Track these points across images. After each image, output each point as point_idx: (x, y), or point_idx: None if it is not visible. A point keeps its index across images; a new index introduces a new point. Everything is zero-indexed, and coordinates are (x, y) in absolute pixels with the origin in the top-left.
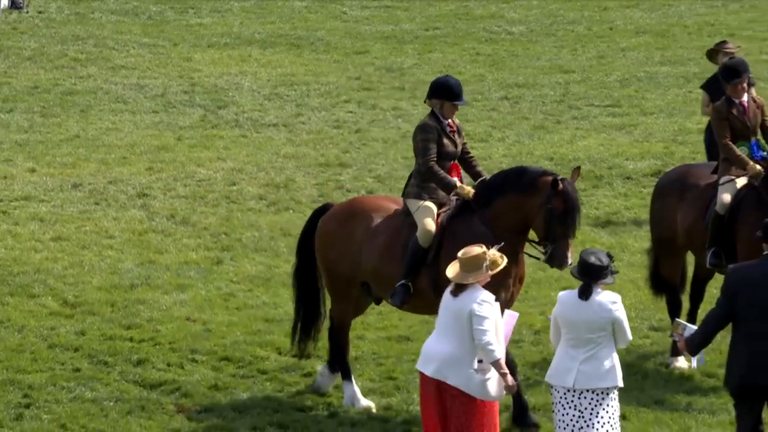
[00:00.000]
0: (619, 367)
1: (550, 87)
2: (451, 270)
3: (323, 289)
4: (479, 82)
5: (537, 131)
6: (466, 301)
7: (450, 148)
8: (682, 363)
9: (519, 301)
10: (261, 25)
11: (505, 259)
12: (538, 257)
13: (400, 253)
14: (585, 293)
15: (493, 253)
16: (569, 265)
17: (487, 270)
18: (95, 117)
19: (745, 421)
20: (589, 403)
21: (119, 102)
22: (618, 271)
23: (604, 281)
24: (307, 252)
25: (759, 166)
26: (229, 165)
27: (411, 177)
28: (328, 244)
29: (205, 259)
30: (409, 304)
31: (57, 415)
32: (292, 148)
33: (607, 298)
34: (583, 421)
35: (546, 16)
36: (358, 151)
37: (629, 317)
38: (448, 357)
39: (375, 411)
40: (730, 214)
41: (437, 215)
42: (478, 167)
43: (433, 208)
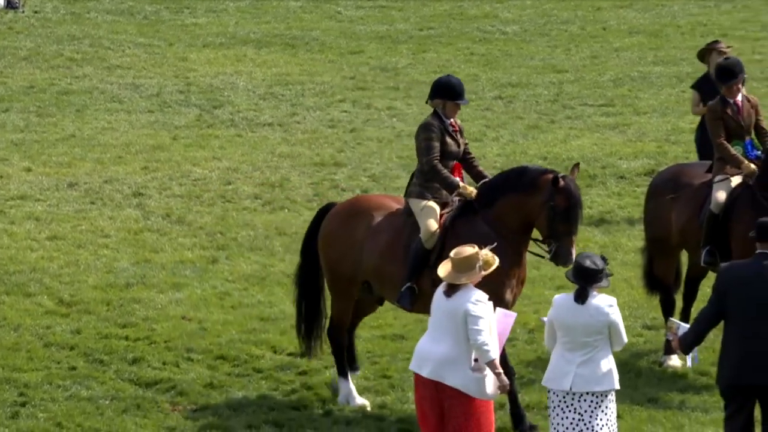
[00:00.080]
0: (615, 370)
1: (544, 87)
2: (443, 269)
3: (325, 289)
4: (473, 81)
5: (531, 131)
6: (461, 301)
7: (453, 147)
8: (675, 361)
9: None
10: (256, 25)
11: (497, 260)
12: (542, 255)
13: (402, 253)
14: (581, 297)
15: (486, 253)
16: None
17: (480, 270)
18: (91, 116)
19: (735, 420)
20: (588, 406)
21: (115, 101)
22: (612, 274)
23: (600, 284)
24: (311, 251)
25: (753, 165)
26: (224, 164)
27: (413, 176)
28: (330, 243)
29: (201, 258)
30: (414, 306)
31: (53, 414)
32: (287, 148)
33: (603, 301)
34: (583, 424)
35: (540, 15)
36: (353, 151)
37: (623, 316)
38: (444, 358)
39: (370, 409)
40: (725, 212)
41: (440, 216)
42: (480, 167)
43: (437, 208)
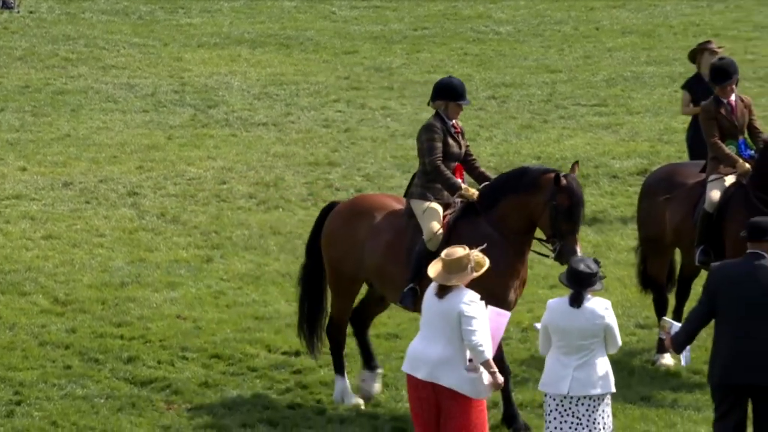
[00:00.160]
0: (611, 373)
1: (537, 86)
2: (433, 270)
3: (327, 288)
4: (467, 81)
5: (524, 130)
6: (454, 302)
7: (455, 149)
8: (668, 360)
9: None
10: (250, 25)
11: (488, 261)
12: (546, 255)
13: (405, 255)
14: (576, 301)
15: (477, 254)
16: (599, 263)
17: (472, 271)
18: (86, 116)
19: (727, 421)
20: (586, 410)
21: (110, 101)
22: (605, 276)
23: (594, 288)
24: (315, 250)
25: (747, 165)
26: (219, 164)
27: (414, 177)
28: (332, 242)
29: (195, 257)
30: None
31: (48, 413)
32: (281, 147)
33: (599, 304)
34: (582, 428)
35: (533, 16)
36: (347, 150)
37: (616, 315)
38: (439, 359)
39: (364, 408)
40: (719, 211)
41: (443, 217)
42: (482, 169)
43: (439, 210)
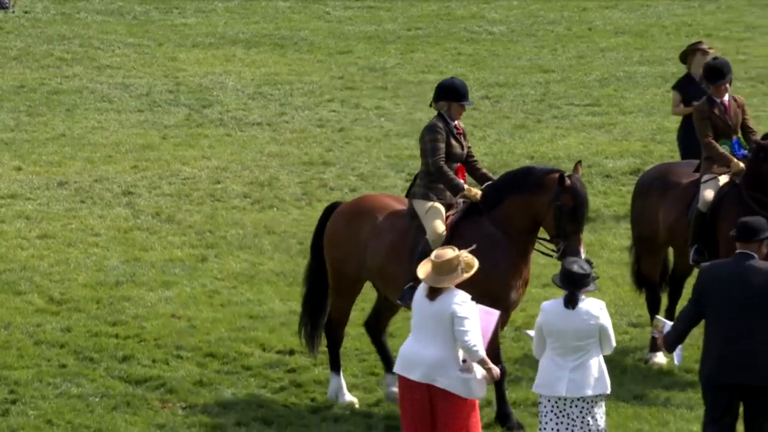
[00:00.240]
0: (606, 374)
1: (531, 86)
2: (422, 271)
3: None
4: None
5: (518, 130)
6: (446, 304)
7: (457, 150)
8: (660, 359)
9: None
10: (245, 25)
11: (477, 262)
12: (550, 254)
13: (407, 255)
14: (571, 302)
15: (466, 255)
16: (592, 263)
17: (462, 273)
18: (81, 116)
19: (717, 420)
20: (580, 412)
21: (105, 101)
22: (598, 277)
23: (588, 289)
24: (319, 250)
25: (742, 164)
26: (213, 163)
27: (416, 177)
28: (334, 242)
29: (190, 257)
30: None
31: (43, 411)
32: (275, 147)
33: (594, 305)
34: (577, 429)
35: (526, 16)
36: (342, 150)
37: (609, 314)
38: (433, 360)
39: (358, 406)
40: (712, 211)
41: (446, 217)
42: (483, 170)
43: (442, 210)
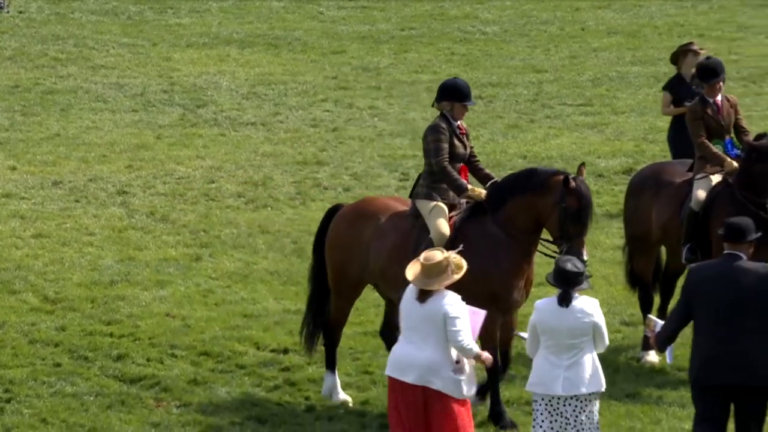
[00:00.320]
0: (601, 371)
1: (524, 86)
2: (410, 272)
3: None
4: None
5: (511, 130)
6: (438, 305)
7: (460, 150)
8: (653, 357)
9: None
10: (239, 25)
11: (465, 265)
12: (552, 256)
13: (411, 255)
14: (565, 300)
15: (455, 256)
16: (586, 262)
17: (452, 274)
18: (75, 116)
19: (708, 421)
20: (573, 410)
21: (99, 101)
22: (591, 275)
23: (581, 287)
24: (321, 252)
25: (735, 163)
26: (207, 163)
27: (420, 178)
28: (337, 245)
29: (184, 256)
30: None
31: (38, 410)
32: (269, 147)
33: (587, 303)
34: (570, 428)
35: (519, 16)
36: (335, 150)
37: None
38: (428, 363)
39: (352, 405)
40: (705, 210)
41: (449, 218)
42: (486, 170)
43: (446, 209)
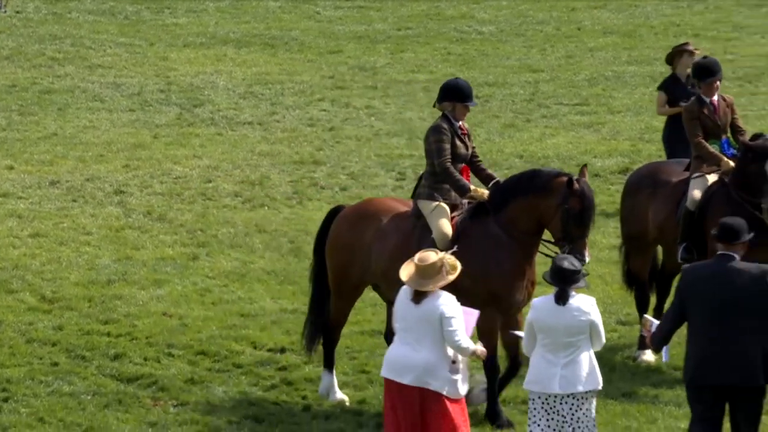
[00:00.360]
0: (598, 369)
1: (520, 86)
2: (405, 273)
3: None
4: None
5: (507, 129)
6: (433, 306)
7: (462, 150)
8: (649, 356)
9: None
10: (236, 25)
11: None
12: (553, 257)
13: (413, 255)
14: (562, 298)
15: (449, 257)
16: (587, 263)
17: (447, 274)
18: (72, 115)
19: (703, 421)
20: (570, 408)
21: (96, 100)
22: (588, 273)
23: (578, 285)
24: (322, 253)
25: (732, 162)
26: (204, 162)
27: (421, 178)
28: (338, 246)
29: (181, 255)
30: None
31: (35, 409)
32: (266, 146)
33: (584, 301)
34: (567, 426)
35: (515, 16)
36: (332, 149)
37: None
38: (424, 364)
39: (348, 404)
40: (701, 210)
41: (451, 218)
42: (488, 170)
43: (448, 209)
